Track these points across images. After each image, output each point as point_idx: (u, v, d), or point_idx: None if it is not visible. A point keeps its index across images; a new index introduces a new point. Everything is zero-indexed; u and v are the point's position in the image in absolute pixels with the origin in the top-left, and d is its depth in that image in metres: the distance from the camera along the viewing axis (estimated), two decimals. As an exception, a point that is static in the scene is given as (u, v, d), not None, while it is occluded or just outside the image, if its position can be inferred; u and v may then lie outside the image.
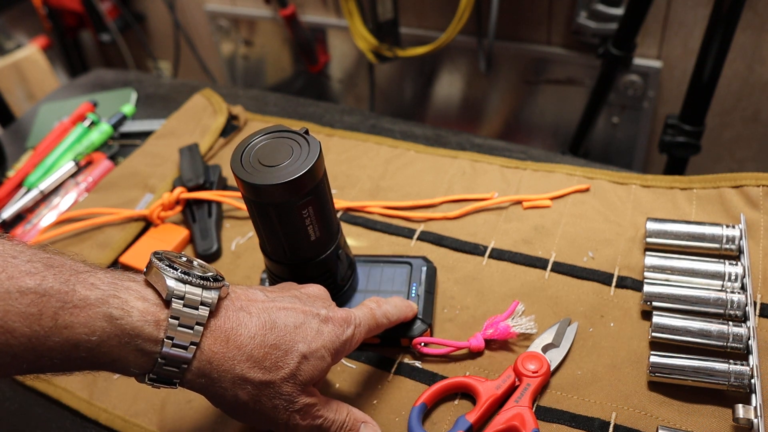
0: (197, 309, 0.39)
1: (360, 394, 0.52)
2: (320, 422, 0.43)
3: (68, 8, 1.80)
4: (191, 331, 0.38)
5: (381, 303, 0.50)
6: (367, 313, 0.48)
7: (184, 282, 0.39)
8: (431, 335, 0.55)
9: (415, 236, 0.65)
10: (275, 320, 0.42)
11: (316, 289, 0.48)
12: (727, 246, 0.56)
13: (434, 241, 0.64)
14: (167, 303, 0.38)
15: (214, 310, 0.40)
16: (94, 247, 0.69)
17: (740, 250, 0.55)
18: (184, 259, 0.42)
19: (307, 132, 0.47)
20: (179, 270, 0.39)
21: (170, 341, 0.37)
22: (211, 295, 0.40)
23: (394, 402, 0.51)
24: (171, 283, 0.38)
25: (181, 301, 0.38)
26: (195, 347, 0.38)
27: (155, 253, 0.40)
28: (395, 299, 0.52)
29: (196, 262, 0.42)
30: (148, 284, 0.39)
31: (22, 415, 0.56)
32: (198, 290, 0.39)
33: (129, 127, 0.91)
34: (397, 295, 0.55)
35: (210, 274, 0.41)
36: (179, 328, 0.37)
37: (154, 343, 0.37)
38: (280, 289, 0.47)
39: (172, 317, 0.37)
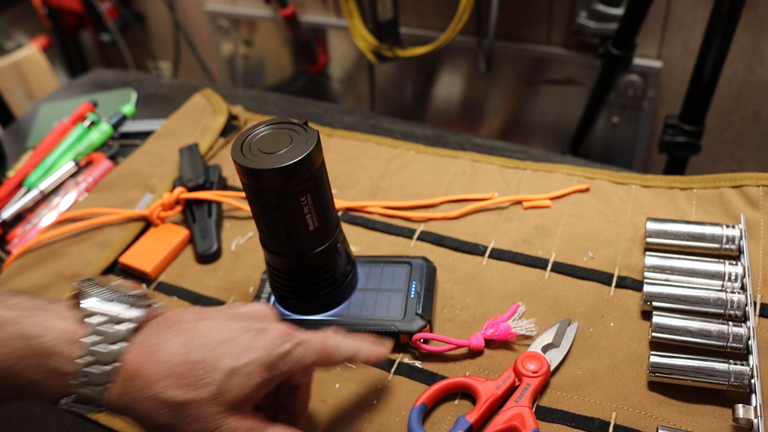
0: (119, 326, 0.38)
1: (360, 394, 0.52)
2: None
3: (68, 8, 1.80)
4: (112, 347, 0.37)
5: (344, 333, 0.45)
6: (320, 335, 0.44)
7: (108, 300, 0.38)
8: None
9: (415, 236, 0.65)
10: (201, 337, 0.40)
11: (258, 308, 0.44)
12: (727, 246, 0.56)
13: (434, 241, 0.64)
14: (86, 321, 0.37)
15: (138, 328, 0.39)
16: (94, 247, 0.69)
17: (740, 250, 0.55)
18: (116, 282, 0.41)
19: (306, 123, 0.48)
20: (103, 289, 0.39)
21: (88, 359, 0.36)
22: (134, 314, 0.39)
23: (394, 402, 0.51)
24: (92, 301, 0.38)
25: (102, 318, 0.37)
26: (115, 365, 0.37)
27: (81, 278, 0.40)
28: (365, 336, 0.47)
29: (127, 283, 0.42)
30: (72, 306, 0.38)
31: (22, 415, 0.56)
32: (120, 308, 0.38)
33: (129, 127, 0.91)
34: (396, 293, 0.55)
35: (137, 292, 0.40)
36: (98, 346, 0.36)
37: (69, 362, 0.36)
38: (219, 308, 0.44)
39: (92, 334, 0.37)
